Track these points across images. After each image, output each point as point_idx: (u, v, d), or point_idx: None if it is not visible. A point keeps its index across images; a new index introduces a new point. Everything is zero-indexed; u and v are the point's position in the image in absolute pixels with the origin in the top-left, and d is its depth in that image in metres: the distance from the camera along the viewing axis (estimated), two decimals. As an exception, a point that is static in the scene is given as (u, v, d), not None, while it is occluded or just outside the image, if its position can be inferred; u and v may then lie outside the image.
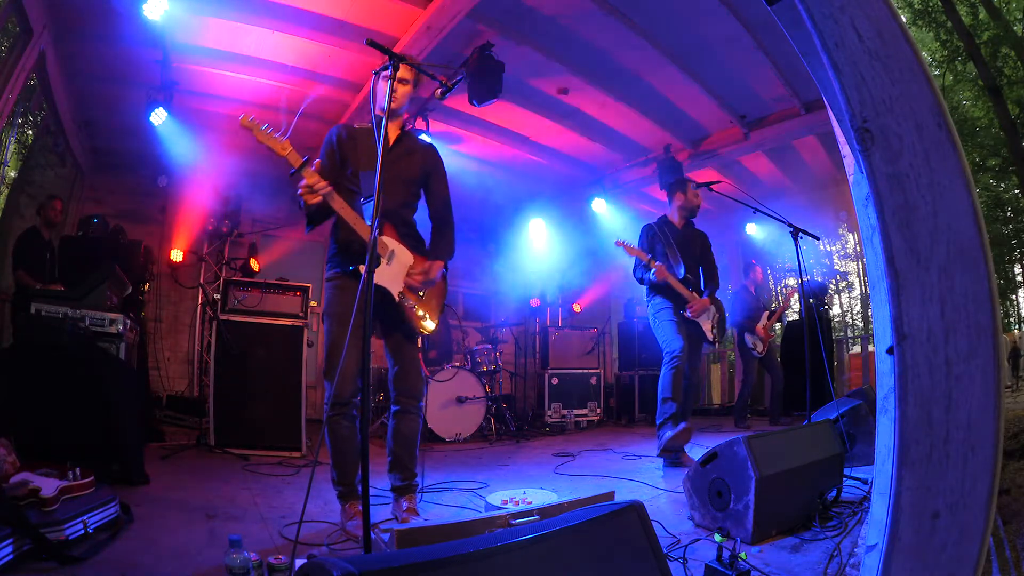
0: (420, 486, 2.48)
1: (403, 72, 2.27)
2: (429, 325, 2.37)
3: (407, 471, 2.34)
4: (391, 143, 2.36)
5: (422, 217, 2.49)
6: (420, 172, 2.43)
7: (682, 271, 3.47)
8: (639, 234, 3.66)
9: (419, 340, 2.47)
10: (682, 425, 3.10)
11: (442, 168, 2.49)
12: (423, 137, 3.74)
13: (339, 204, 2.13)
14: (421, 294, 2.33)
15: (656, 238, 3.59)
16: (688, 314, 3.41)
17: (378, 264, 2.20)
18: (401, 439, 2.33)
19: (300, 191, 2.06)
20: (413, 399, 2.35)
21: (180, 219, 5.85)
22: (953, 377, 1.02)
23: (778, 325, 6.05)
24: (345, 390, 2.18)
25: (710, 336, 3.49)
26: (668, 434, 3.03)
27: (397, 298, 2.25)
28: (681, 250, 3.54)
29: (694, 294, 3.49)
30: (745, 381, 5.69)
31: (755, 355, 5.57)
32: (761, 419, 6.08)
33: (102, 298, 3.33)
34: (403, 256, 2.30)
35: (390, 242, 2.26)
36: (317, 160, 2.12)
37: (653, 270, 3.36)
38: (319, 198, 2.07)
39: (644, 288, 3.60)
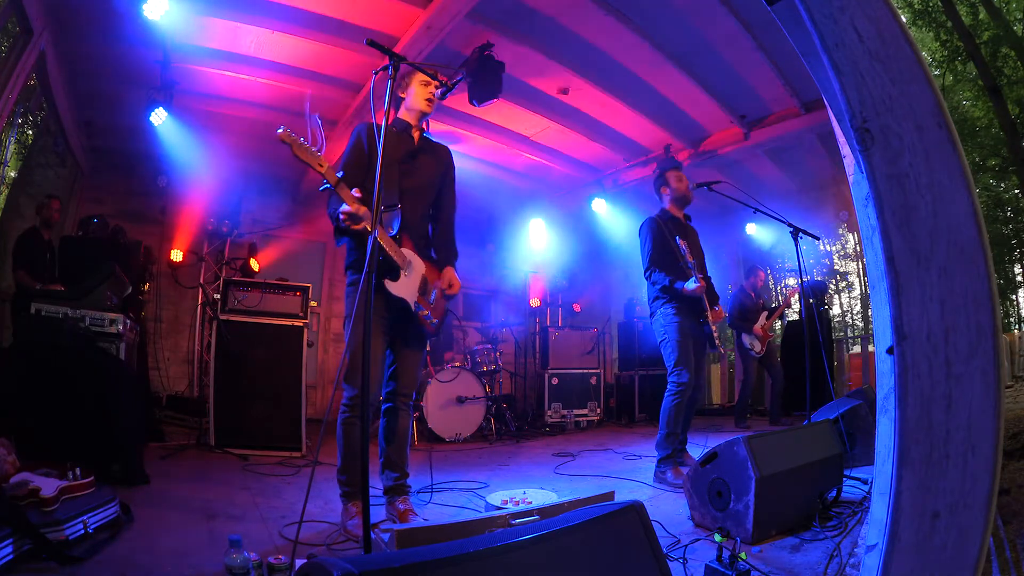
0: (414, 488, 2.48)
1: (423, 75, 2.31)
2: (436, 327, 2.40)
3: (400, 470, 2.35)
4: (416, 147, 2.40)
5: None
6: (439, 177, 2.45)
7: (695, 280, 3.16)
8: (641, 229, 3.35)
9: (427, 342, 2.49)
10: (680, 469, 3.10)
11: (454, 171, 2.52)
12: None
13: (381, 234, 2.08)
14: (432, 300, 2.34)
15: (664, 235, 3.26)
16: (708, 327, 3.20)
17: (398, 277, 2.22)
18: (394, 436, 2.35)
19: (343, 218, 2.04)
20: (407, 396, 2.38)
21: (180, 219, 5.84)
22: (953, 377, 1.02)
23: (778, 324, 6.04)
24: (369, 393, 2.19)
25: (715, 342, 3.36)
26: (669, 477, 3.06)
27: (414, 308, 2.27)
28: (690, 249, 3.24)
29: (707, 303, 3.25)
30: (745, 381, 5.69)
31: (753, 355, 5.58)
32: (761, 419, 6.08)
33: (102, 298, 3.33)
34: (418, 266, 2.32)
35: (408, 253, 2.28)
36: (342, 173, 2.09)
37: (691, 281, 3.07)
38: (362, 226, 2.04)
39: (653, 290, 3.29)
